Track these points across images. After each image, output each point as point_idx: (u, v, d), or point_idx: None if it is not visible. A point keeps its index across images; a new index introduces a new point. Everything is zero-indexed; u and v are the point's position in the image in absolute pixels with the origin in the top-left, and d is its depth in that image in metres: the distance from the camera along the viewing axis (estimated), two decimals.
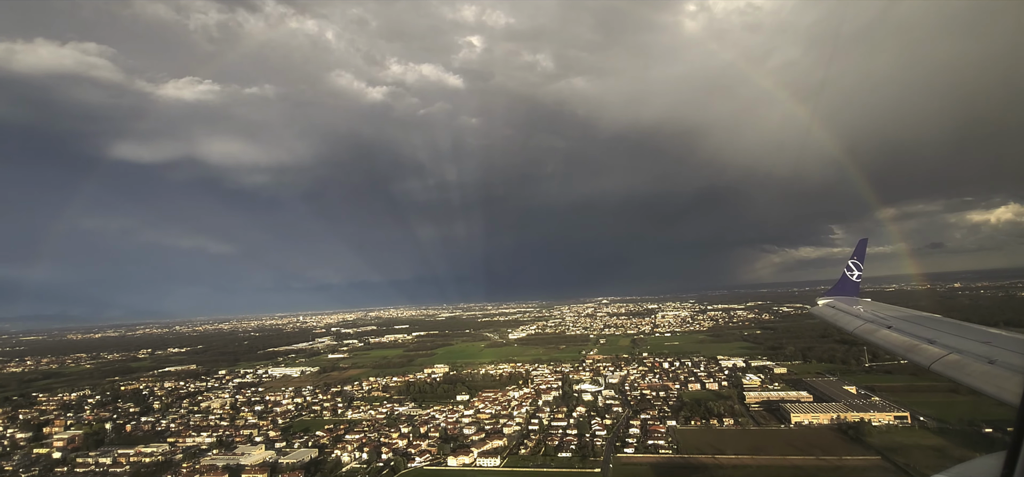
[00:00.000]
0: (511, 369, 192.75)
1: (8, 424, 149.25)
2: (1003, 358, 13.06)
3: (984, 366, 13.01)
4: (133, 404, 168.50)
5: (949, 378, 13.64)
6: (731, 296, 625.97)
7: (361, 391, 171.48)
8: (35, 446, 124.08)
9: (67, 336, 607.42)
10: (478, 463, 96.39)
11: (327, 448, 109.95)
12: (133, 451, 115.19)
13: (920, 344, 15.80)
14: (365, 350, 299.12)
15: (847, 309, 24.59)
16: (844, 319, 23.36)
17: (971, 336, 15.53)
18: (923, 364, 14.81)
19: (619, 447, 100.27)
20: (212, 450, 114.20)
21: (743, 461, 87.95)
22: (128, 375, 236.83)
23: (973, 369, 13.09)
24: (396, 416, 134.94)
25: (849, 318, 22.88)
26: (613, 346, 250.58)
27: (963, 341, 15.02)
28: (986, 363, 13.10)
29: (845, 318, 23.35)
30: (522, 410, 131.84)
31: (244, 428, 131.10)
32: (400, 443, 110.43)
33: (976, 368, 13.06)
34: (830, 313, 25.85)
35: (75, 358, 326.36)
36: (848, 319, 22.84)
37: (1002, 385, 11.98)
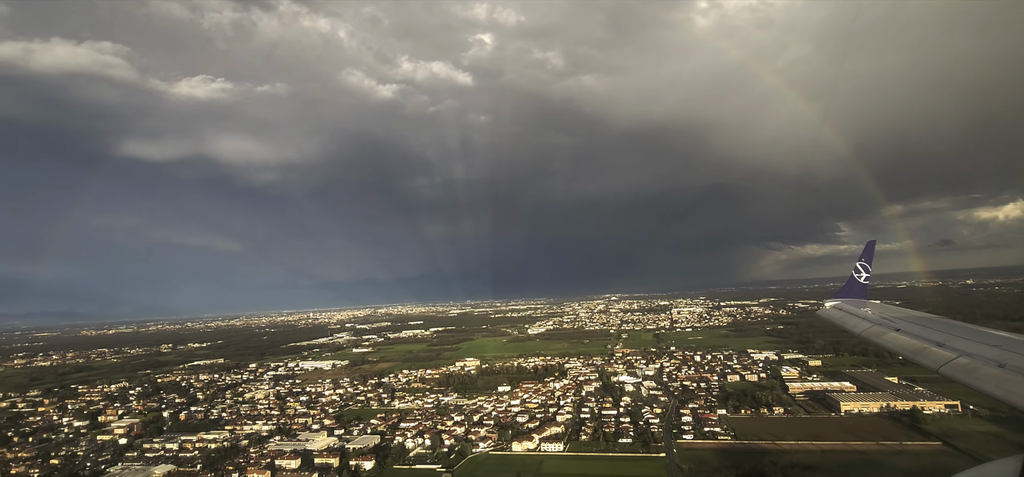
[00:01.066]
0: (542, 362, 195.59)
1: (61, 413, 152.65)
2: (1014, 362, 12.88)
3: (995, 370, 12.79)
4: (177, 395, 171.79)
5: (959, 382, 13.51)
6: (740, 293, 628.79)
7: (399, 383, 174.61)
8: (98, 433, 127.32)
9: (80, 332, 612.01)
10: (542, 448, 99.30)
11: (386, 435, 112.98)
12: (196, 438, 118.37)
13: (929, 347, 15.64)
14: (387, 345, 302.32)
15: (855, 311, 24.37)
16: (851, 321, 23.13)
17: (981, 339, 15.32)
18: (932, 367, 14.67)
19: (675, 434, 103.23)
20: (274, 437, 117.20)
21: (804, 446, 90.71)
22: (159, 368, 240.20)
23: (983, 373, 12.90)
24: (444, 406, 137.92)
25: (856, 320, 22.70)
26: (636, 341, 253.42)
27: (973, 344, 14.80)
28: (997, 367, 12.87)
29: (852, 320, 23.15)
30: (567, 400, 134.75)
31: (296, 417, 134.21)
32: (458, 430, 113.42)
33: (987, 372, 12.86)
34: (838, 315, 25.48)
35: (98, 353, 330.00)
36: (856, 321, 22.64)
37: (1013, 389, 11.83)
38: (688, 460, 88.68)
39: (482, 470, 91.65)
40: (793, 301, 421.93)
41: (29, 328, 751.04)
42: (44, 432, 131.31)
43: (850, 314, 24.25)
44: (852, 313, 24.18)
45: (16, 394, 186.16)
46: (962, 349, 14.49)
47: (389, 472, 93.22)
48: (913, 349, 16.30)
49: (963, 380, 13.25)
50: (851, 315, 23.98)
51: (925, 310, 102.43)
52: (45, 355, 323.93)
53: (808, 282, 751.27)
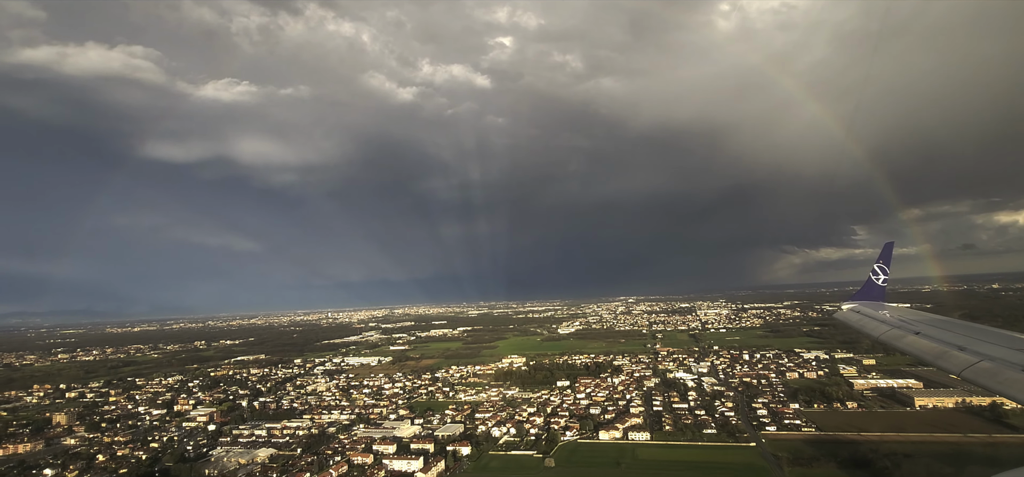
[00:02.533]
0: (589, 359, 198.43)
1: (132, 403, 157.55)
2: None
3: (1018, 374, 12.62)
4: (238, 387, 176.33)
5: (981, 386, 13.32)
6: (757, 296, 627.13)
7: (453, 377, 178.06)
8: (181, 420, 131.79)
9: (105, 330, 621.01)
10: (629, 437, 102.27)
11: (467, 425, 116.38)
12: (280, 425, 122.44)
13: (950, 351, 15.38)
14: (422, 343, 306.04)
15: (873, 314, 23.92)
16: (870, 325, 22.76)
17: (1002, 343, 15.05)
18: (953, 372, 14.49)
19: (756, 426, 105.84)
20: (357, 425, 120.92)
21: (892, 438, 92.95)
22: (204, 363, 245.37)
23: (1006, 377, 12.68)
24: (511, 398, 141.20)
25: (875, 324, 22.34)
26: (673, 341, 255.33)
27: (995, 348, 14.55)
28: (1020, 371, 12.72)
29: (871, 324, 22.78)
30: (632, 394, 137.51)
31: (369, 408, 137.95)
32: (537, 420, 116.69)
33: (1010, 376, 12.66)
34: (855, 319, 25.04)
35: (137, 348, 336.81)
36: (874, 325, 22.29)
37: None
38: (780, 449, 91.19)
39: (577, 456, 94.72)
40: (818, 303, 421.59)
41: (53, 325, 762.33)
42: (128, 419, 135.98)
43: (868, 317, 23.87)
44: (870, 316, 23.76)
45: (79, 385, 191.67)
46: (984, 353, 14.23)
47: (486, 458, 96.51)
48: (934, 353, 16.03)
49: (986, 384, 13.00)
50: (869, 318, 23.58)
51: (957, 314, 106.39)
52: (85, 350, 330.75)
53: (825, 285, 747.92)
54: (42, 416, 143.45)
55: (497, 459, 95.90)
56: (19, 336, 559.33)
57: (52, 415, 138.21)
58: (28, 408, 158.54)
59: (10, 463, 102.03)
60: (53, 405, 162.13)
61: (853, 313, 25.88)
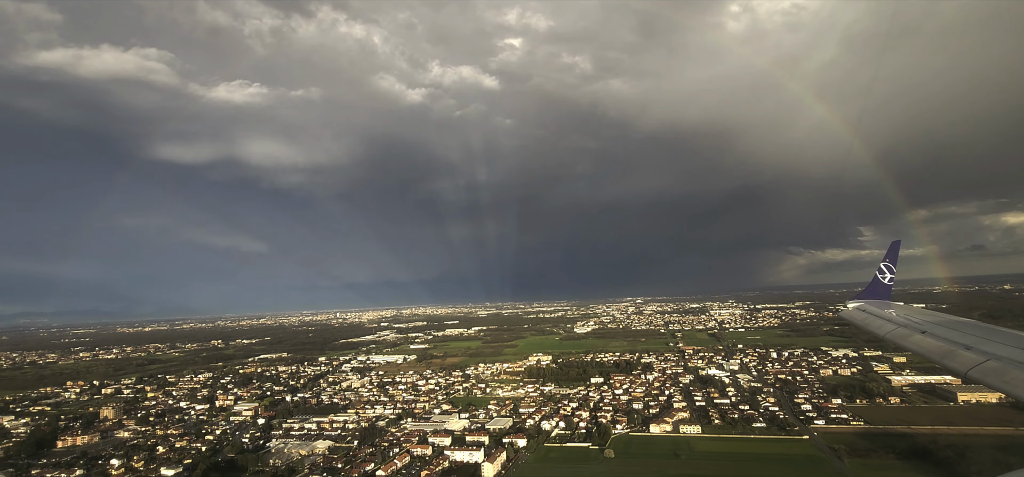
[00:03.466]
0: (613, 357, 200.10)
1: (170, 398, 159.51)
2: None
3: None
4: (271, 383, 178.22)
5: (988, 385, 13.35)
6: (768, 296, 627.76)
7: (484, 374, 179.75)
8: (228, 415, 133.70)
9: (116, 329, 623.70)
10: (681, 431, 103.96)
11: (513, 418, 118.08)
12: (326, 419, 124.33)
13: (956, 350, 15.38)
14: (442, 342, 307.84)
15: (878, 313, 23.75)
16: (875, 323, 22.61)
17: (1009, 342, 15.05)
18: (960, 371, 14.48)
19: (803, 419, 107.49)
20: (403, 419, 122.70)
21: (943, 431, 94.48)
22: (228, 361, 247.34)
23: (1012, 376, 12.70)
24: (549, 394, 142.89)
25: (880, 322, 22.21)
26: (693, 340, 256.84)
27: (1001, 347, 14.58)
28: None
29: (876, 322, 22.65)
30: (669, 390, 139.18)
31: (406, 403, 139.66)
32: (583, 414, 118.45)
33: (1016, 375, 12.69)
34: (861, 317, 24.89)
35: (155, 347, 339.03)
36: (879, 323, 22.19)
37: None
38: (833, 442, 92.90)
39: (633, 448, 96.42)
40: (830, 304, 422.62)
41: (63, 325, 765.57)
42: (174, 414, 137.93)
43: (874, 315, 23.68)
44: (876, 315, 23.62)
45: (111, 381, 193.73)
46: (991, 352, 14.20)
47: (542, 450, 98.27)
48: (940, 352, 16.04)
49: (993, 384, 13.02)
50: (875, 316, 23.42)
51: (976, 314, 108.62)
52: (105, 349, 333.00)
53: (834, 286, 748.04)
54: (86, 411, 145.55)
55: (555, 451, 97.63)
56: (32, 335, 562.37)
57: (98, 409, 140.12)
58: (69, 403, 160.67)
59: (73, 454, 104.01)
60: (93, 400, 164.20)
61: (859, 312, 25.84)
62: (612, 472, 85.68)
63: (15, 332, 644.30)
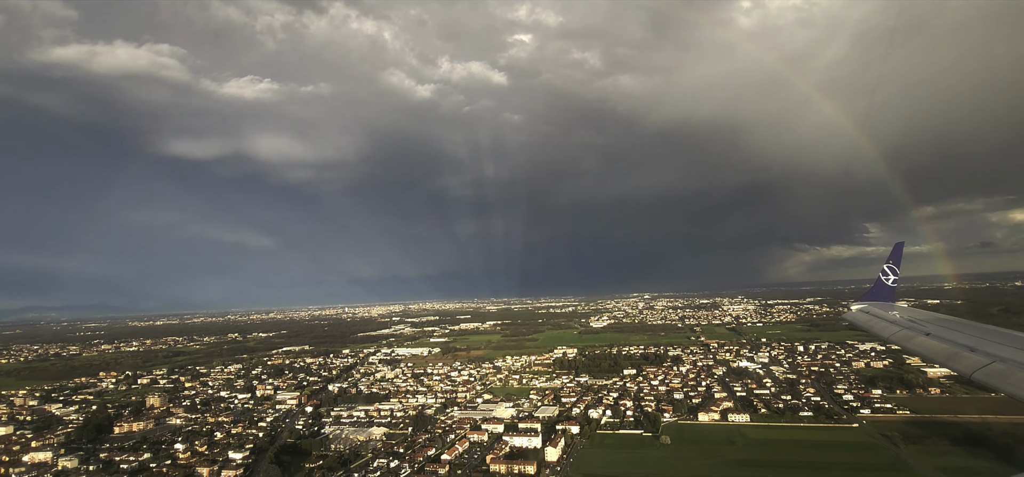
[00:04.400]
0: (638, 350, 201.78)
1: (210, 388, 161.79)
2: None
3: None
4: (304, 374, 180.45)
5: (993, 387, 13.20)
6: (776, 292, 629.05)
7: (514, 366, 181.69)
8: (273, 404, 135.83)
9: (128, 323, 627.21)
10: (729, 419, 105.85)
11: (559, 407, 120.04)
12: (373, 408, 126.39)
13: (961, 352, 15.29)
14: (461, 336, 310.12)
15: (882, 314, 23.60)
16: (879, 325, 22.46)
17: (1014, 344, 14.95)
18: (965, 372, 14.34)
19: (847, 409, 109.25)
20: (448, 408, 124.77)
21: (992, 420, 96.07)
22: (252, 353, 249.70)
23: (1017, 378, 12.60)
24: (587, 385, 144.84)
25: (884, 324, 22.04)
26: (713, 334, 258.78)
27: (1006, 348, 14.46)
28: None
29: (880, 324, 22.45)
30: (706, 381, 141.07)
31: (445, 393, 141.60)
32: (627, 403, 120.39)
33: (1021, 377, 12.60)
34: (864, 319, 24.66)
35: (175, 340, 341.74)
36: (883, 325, 22.04)
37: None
38: (882, 430, 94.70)
39: (686, 435, 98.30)
40: (843, 300, 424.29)
41: (73, 319, 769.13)
42: (218, 402, 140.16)
43: (877, 317, 23.45)
44: (879, 316, 23.43)
45: (144, 372, 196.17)
46: (996, 354, 14.12)
47: (596, 437, 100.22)
48: (944, 354, 15.91)
49: (997, 386, 12.85)
50: (879, 318, 23.22)
51: (995, 310, 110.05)
52: (124, 342, 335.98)
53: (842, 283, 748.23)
54: (130, 399, 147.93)
55: (608, 438, 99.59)
56: (44, 329, 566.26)
57: (144, 398, 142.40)
58: (109, 392, 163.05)
59: (133, 439, 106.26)
60: (131, 390, 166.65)
61: (862, 313, 25.44)
62: (672, 457, 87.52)
63: (27, 325, 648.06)
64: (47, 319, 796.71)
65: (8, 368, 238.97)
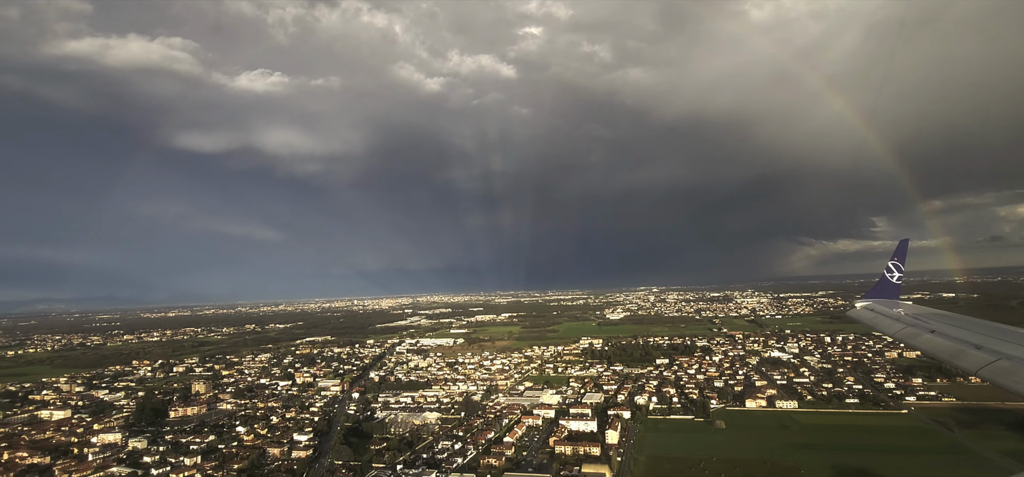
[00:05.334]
0: (663, 341, 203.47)
1: (248, 376, 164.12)
2: None
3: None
4: (338, 363, 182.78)
5: (998, 385, 13.11)
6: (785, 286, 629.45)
7: (545, 356, 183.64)
8: (318, 390, 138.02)
9: (140, 315, 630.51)
10: (777, 405, 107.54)
11: (604, 394, 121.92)
12: (417, 394, 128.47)
13: (966, 349, 15.25)
14: (479, 327, 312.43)
15: (887, 312, 23.38)
16: (883, 322, 22.37)
17: (1019, 341, 14.98)
18: (970, 370, 14.33)
19: (892, 397, 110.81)
20: (492, 394, 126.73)
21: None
22: (276, 342, 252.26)
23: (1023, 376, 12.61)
24: (624, 374, 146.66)
25: (889, 321, 21.94)
26: (733, 326, 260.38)
27: (1012, 346, 14.45)
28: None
29: (884, 322, 22.35)
30: (742, 371, 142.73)
31: (484, 380, 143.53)
32: (670, 390, 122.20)
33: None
34: (869, 316, 24.56)
35: (195, 331, 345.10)
36: (888, 322, 21.90)
37: None
38: (931, 417, 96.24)
39: (737, 421, 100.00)
40: (857, 293, 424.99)
41: (84, 310, 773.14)
42: (263, 389, 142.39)
43: (882, 315, 23.34)
44: (884, 314, 23.27)
45: (178, 361, 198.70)
46: (1001, 351, 13.99)
47: (649, 422, 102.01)
48: (949, 351, 15.85)
49: (1003, 383, 12.77)
50: (883, 316, 23.09)
51: (1015, 303, 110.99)
52: (145, 332, 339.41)
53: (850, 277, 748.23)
54: (170, 386, 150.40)
55: (662, 423, 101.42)
56: (59, 320, 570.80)
57: (188, 384, 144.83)
58: (150, 380, 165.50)
59: (191, 422, 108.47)
60: (168, 377, 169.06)
61: (867, 311, 25.29)
62: (730, 441, 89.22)
63: (38, 317, 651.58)
64: (58, 310, 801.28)
65: (38, 357, 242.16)
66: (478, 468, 79.49)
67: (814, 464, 76.64)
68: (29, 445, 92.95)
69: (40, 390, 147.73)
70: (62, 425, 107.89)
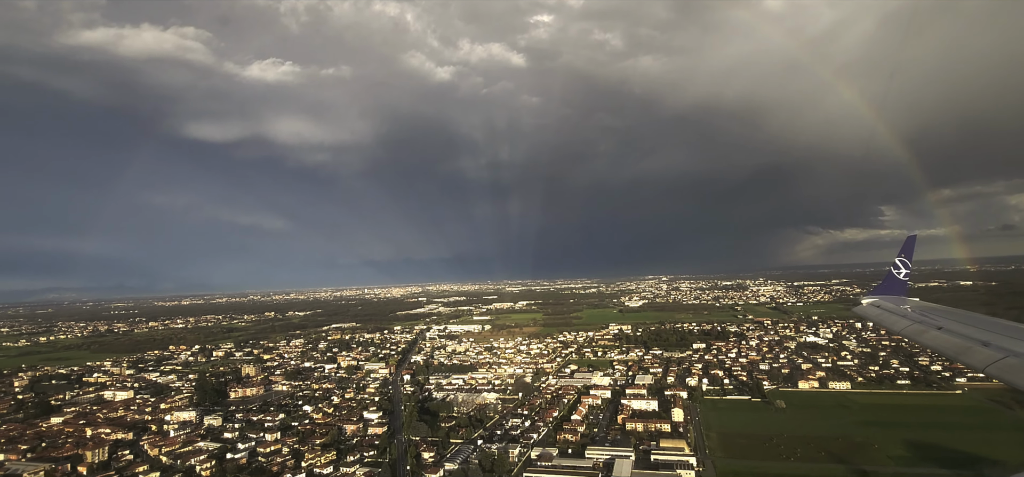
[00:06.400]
0: (690, 327, 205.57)
1: (291, 361, 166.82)
2: None
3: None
4: (375, 348, 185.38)
5: (1007, 382, 13.08)
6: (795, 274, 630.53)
7: (578, 341, 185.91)
8: (366, 372, 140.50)
9: (154, 303, 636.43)
10: (830, 386, 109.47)
11: (654, 375, 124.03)
12: (465, 377, 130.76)
13: (974, 346, 15.25)
14: (502, 314, 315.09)
15: (894, 309, 23.24)
16: (890, 319, 22.17)
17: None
18: (977, 367, 14.28)
19: (941, 378, 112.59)
20: (540, 376, 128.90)
21: None
22: (303, 329, 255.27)
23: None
24: (664, 357, 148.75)
25: (895, 318, 21.80)
26: (757, 312, 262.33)
27: (1019, 343, 14.45)
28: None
29: (891, 318, 22.19)
30: (782, 354, 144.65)
31: (526, 363, 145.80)
32: (718, 372, 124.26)
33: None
34: (875, 313, 24.29)
35: (217, 318, 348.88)
36: (895, 319, 21.74)
37: None
38: (984, 397, 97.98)
39: (795, 400, 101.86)
40: (873, 282, 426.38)
41: (97, 299, 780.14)
42: (311, 372, 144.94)
43: (889, 312, 23.15)
44: (891, 311, 23.12)
45: (215, 346, 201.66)
46: (1009, 348, 13.99)
47: (707, 402, 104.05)
48: (957, 348, 15.81)
49: (1011, 380, 12.78)
50: (890, 313, 22.92)
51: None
52: (170, 320, 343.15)
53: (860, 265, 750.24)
54: (217, 369, 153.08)
55: (720, 402, 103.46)
56: (77, 308, 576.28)
57: (239, 367, 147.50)
58: (192, 364, 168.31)
59: (254, 402, 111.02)
60: (210, 362, 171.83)
61: (873, 308, 25.02)
62: (796, 419, 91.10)
63: (52, 306, 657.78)
64: (69, 299, 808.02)
65: (71, 343, 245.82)
66: (555, 442, 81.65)
67: (886, 440, 78.54)
68: (107, 422, 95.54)
69: (90, 373, 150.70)
70: (128, 405, 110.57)
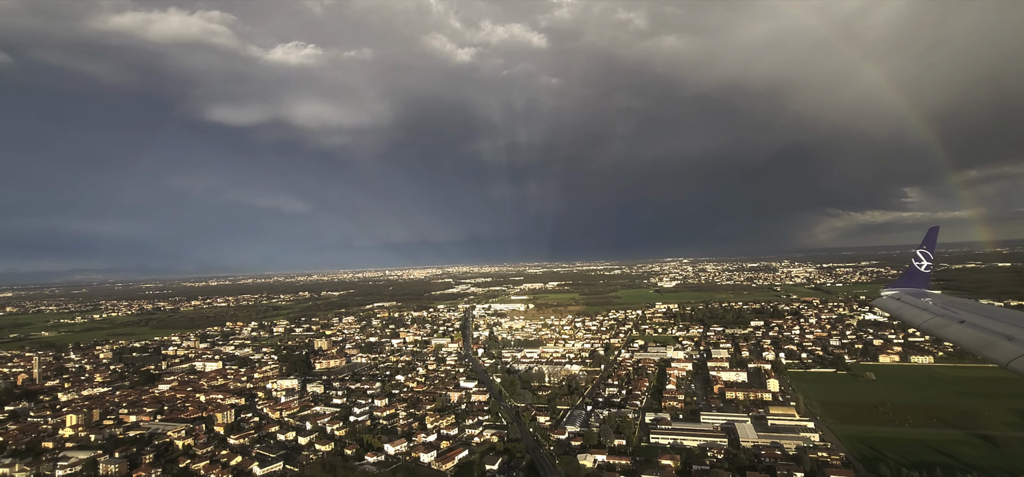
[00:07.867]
0: (738, 306, 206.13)
1: (355, 337, 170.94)
2: None
3: None
4: (431, 325, 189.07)
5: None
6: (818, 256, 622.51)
7: (629, 319, 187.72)
8: (439, 349, 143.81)
9: (182, 284, 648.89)
10: (911, 360, 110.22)
11: (728, 350, 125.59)
12: (538, 352, 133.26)
13: (997, 340, 15.02)
14: (539, 294, 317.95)
15: (914, 302, 22.74)
16: (911, 312, 21.64)
17: None
18: (1001, 362, 14.10)
19: None
20: (611, 352, 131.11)
21: None
22: (347, 308, 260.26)
23: None
24: (730, 334, 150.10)
25: (916, 311, 21.34)
26: (799, 292, 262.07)
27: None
28: None
29: (912, 312, 21.67)
30: (848, 331, 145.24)
31: (590, 339, 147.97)
32: (792, 347, 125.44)
33: None
34: (895, 306, 23.63)
35: (256, 297, 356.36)
36: (915, 312, 21.28)
37: None
38: None
39: (883, 374, 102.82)
40: (900, 264, 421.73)
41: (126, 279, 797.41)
42: (382, 346, 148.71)
43: (909, 305, 22.53)
44: (911, 304, 22.53)
45: (273, 323, 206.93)
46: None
47: (793, 374, 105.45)
48: (980, 342, 15.52)
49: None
50: (910, 306, 22.32)
51: None
52: (211, 299, 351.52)
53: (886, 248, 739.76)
54: (287, 343, 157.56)
55: (807, 375, 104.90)
56: (107, 288, 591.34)
57: (311, 341, 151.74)
58: (259, 339, 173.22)
59: (343, 372, 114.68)
60: (275, 337, 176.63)
61: (893, 301, 24.26)
62: (890, 390, 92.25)
63: (81, 285, 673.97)
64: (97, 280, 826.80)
65: (127, 320, 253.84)
66: (661, 408, 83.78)
67: (992, 409, 79.49)
68: (212, 390, 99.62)
69: (165, 347, 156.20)
70: (221, 375, 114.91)
